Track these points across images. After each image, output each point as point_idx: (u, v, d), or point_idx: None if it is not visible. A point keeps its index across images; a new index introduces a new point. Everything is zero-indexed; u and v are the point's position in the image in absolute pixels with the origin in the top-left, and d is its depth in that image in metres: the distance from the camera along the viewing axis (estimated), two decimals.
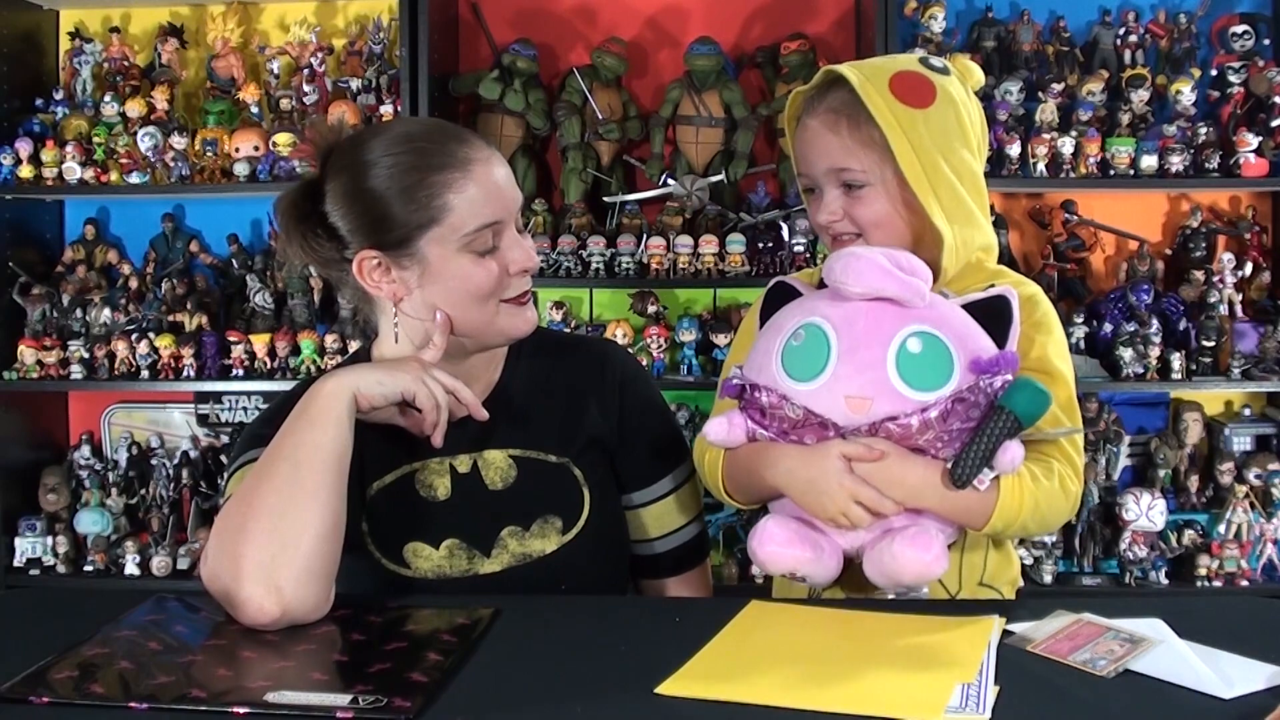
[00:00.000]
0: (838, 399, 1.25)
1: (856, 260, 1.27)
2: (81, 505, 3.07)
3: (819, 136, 1.43)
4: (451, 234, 1.37)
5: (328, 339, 2.95)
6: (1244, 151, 2.84)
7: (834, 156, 1.42)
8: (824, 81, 1.45)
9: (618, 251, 2.93)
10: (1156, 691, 1.03)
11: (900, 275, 1.27)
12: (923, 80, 1.43)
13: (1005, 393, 1.24)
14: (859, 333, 1.26)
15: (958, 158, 1.41)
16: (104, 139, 3.03)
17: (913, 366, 1.24)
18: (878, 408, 1.24)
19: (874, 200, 1.42)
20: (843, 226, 1.44)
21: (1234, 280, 2.96)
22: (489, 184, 1.38)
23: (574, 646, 1.17)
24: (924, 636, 1.17)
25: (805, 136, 1.46)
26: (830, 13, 3.11)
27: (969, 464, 1.23)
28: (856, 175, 1.41)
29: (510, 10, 3.15)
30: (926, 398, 1.23)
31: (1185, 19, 2.98)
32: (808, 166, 1.47)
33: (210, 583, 1.23)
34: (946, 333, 1.26)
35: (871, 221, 1.42)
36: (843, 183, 1.43)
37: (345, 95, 3.03)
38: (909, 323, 1.26)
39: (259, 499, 1.24)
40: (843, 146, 1.42)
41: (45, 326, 3.05)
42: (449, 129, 1.44)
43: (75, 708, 1.01)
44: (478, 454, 1.46)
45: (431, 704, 1.00)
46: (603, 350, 1.58)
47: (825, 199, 1.44)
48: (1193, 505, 2.99)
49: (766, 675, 1.08)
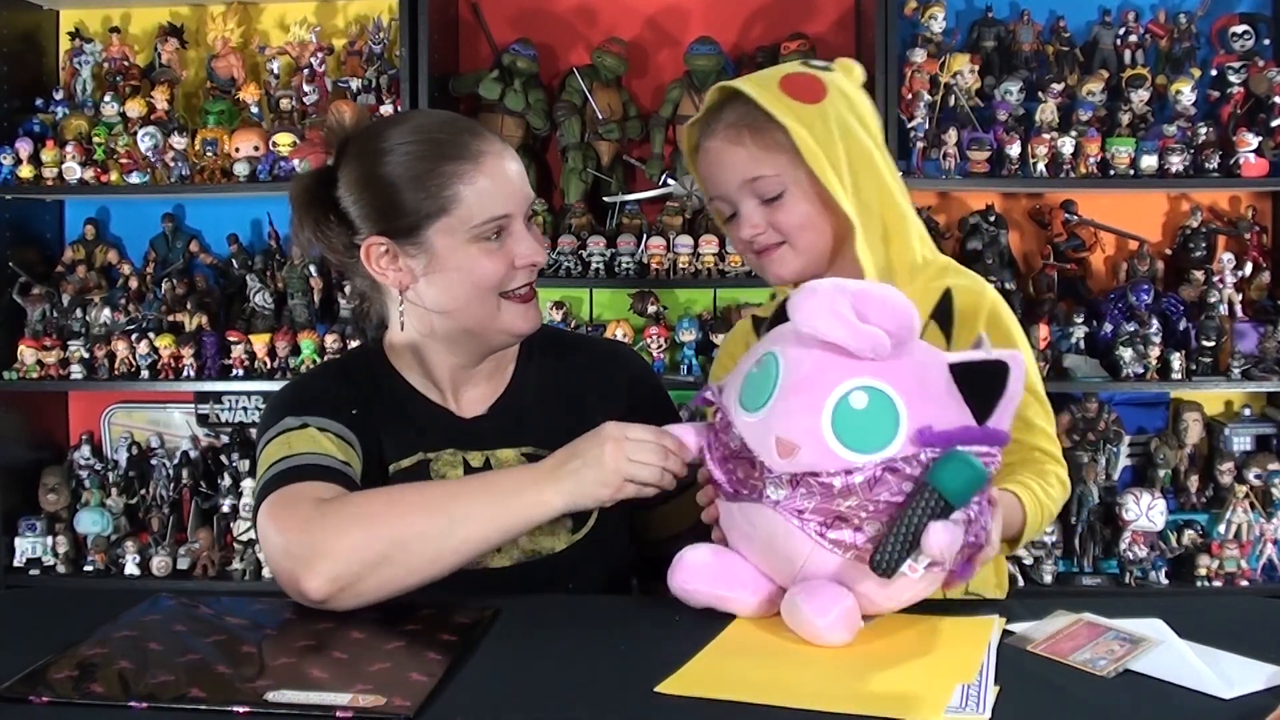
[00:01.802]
0: (770, 437, 1.14)
1: (810, 297, 1.15)
2: (81, 505, 3.07)
3: (724, 153, 1.44)
4: (460, 224, 1.38)
5: (328, 339, 2.95)
6: (1244, 151, 2.84)
7: (744, 168, 1.43)
8: (715, 102, 1.46)
9: (618, 251, 2.93)
10: (1156, 691, 1.03)
11: (852, 323, 1.12)
12: (810, 78, 1.45)
13: (932, 468, 1.10)
14: (804, 373, 1.15)
15: (861, 145, 1.43)
16: (104, 139, 3.03)
17: (851, 423, 1.11)
18: (803, 458, 1.12)
19: (793, 205, 1.43)
20: (767, 238, 1.44)
21: (1234, 280, 2.96)
22: (500, 177, 1.40)
23: (574, 646, 1.16)
24: (924, 636, 1.17)
25: (709, 158, 1.46)
26: (830, 13, 3.11)
27: (890, 550, 1.09)
28: (770, 182, 1.42)
29: (510, 10, 3.15)
30: (855, 459, 1.11)
31: (1185, 19, 2.98)
32: (719, 187, 1.46)
33: (292, 532, 1.23)
34: (901, 393, 1.12)
35: (795, 226, 1.44)
36: (758, 194, 1.43)
37: (345, 95, 3.03)
38: (860, 374, 1.13)
39: (411, 514, 1.24)
40: (751, 156, 1.42)
41: (45, 326, 3.05)
42: (463, 122, 1.46)
43: (75, 707, 1.01)
44: (490, 452, 1.48)
45: (431, 704, 1.00)
46: (612, 351, 1.63)
47: (744, 214, 1.44)
48: (1193, 505, 2.99)
49: (767, 675, 1.08)
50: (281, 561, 1.23)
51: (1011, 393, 1.15)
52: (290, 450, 1.34)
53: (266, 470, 1.33)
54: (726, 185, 1.45)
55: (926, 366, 1.17)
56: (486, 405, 1.52)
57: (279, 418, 1.39)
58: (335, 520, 1.23)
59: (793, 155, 1.40)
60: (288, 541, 1.23)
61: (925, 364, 1.17)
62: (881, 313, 1.14)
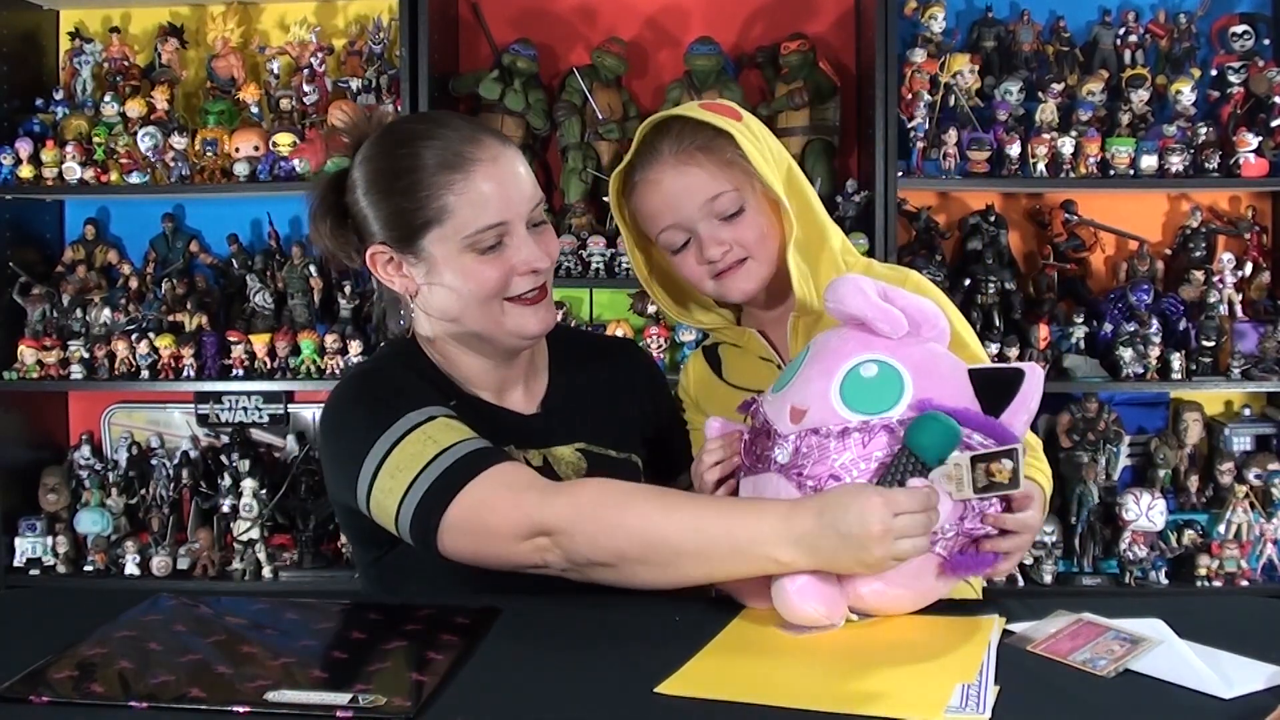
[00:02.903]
0: (786, 407, 1.23)
1: (842, 283, 1.26)
2: (81, 505, 3.07)
3: (680, 177, 1.45)
4: (454, 234, 1.38)
5: (328, 339, 2.95)
6: (1244, 151, 2.84)
7: (703, 188, 1.44)
8: (645, 141, 1.48)
9: (618, 251, 2.93)
10: (1156, 691, 1.03)
11: (873, 299, 1.24)
12: (722, 104, 1.50)
13: (908, 429, 1.16)
14: (828, 351, 1.25)
15: (781, 154, 1.49)
16: (104, 139, 3.03)
17: (858, 388, 1.20)
18: (810, 417, 1.21)
19: (752, 218, 1.47)
20: (733, 255, 1.46)
21: (1234, 280, 2.96)
22: (492, 185, 1.38)
23: (574, 646, 1.17)
24: (924, 636, 1.17)
25: (661, 190, 1.46)
26: (830, 13, 3.11)
27: None
28: (730, 198, 1.44)
29: (510, 10, 3.15)
30: (852, 417, 1.19)
31: (1185, 19, 2.98)
32: (673, 215, 1.46)
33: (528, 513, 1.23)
34: (910, 369, 1.21)
35: (756, 239, 1.47)
36: (717, 212, 1.45)
37: (345, 95, 3.03)
38: (875, 350, 1.23)
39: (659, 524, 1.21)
40: (708, 175, 1.44)
41: (45, 326, 3.05)
42: (462, 128, 1.42)
43: (75, 707, 1.01)
44: (546, 450, 1.48)
45: (431, 704, 1.00)
46: (629, 347, 1.71)
47: (705, 235, 1.46)
48: (1193, 505, 2.99)
49: (766, 675, 1.08)
50: (509, 548, 1.25)
51: (1024, 396, 1.21)
52: (441, 444, 1.30)
53: (425, 469, 1.28)
54: (683, 210, 1.45)
55: (940, 359, 1.25)
56: (536, 403, 1.53)
57: (388, 415, 1.34)
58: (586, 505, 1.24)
59: (744, 169, 1.44)
60: (519, 528, 1.24)
61: (940, 356, 1.25)
62: (906, 303, 1.25)
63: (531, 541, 1.24)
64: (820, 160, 2.98)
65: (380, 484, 1.31)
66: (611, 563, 1.22)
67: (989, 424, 1.19)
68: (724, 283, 1.49)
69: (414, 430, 1.32)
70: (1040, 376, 1.24)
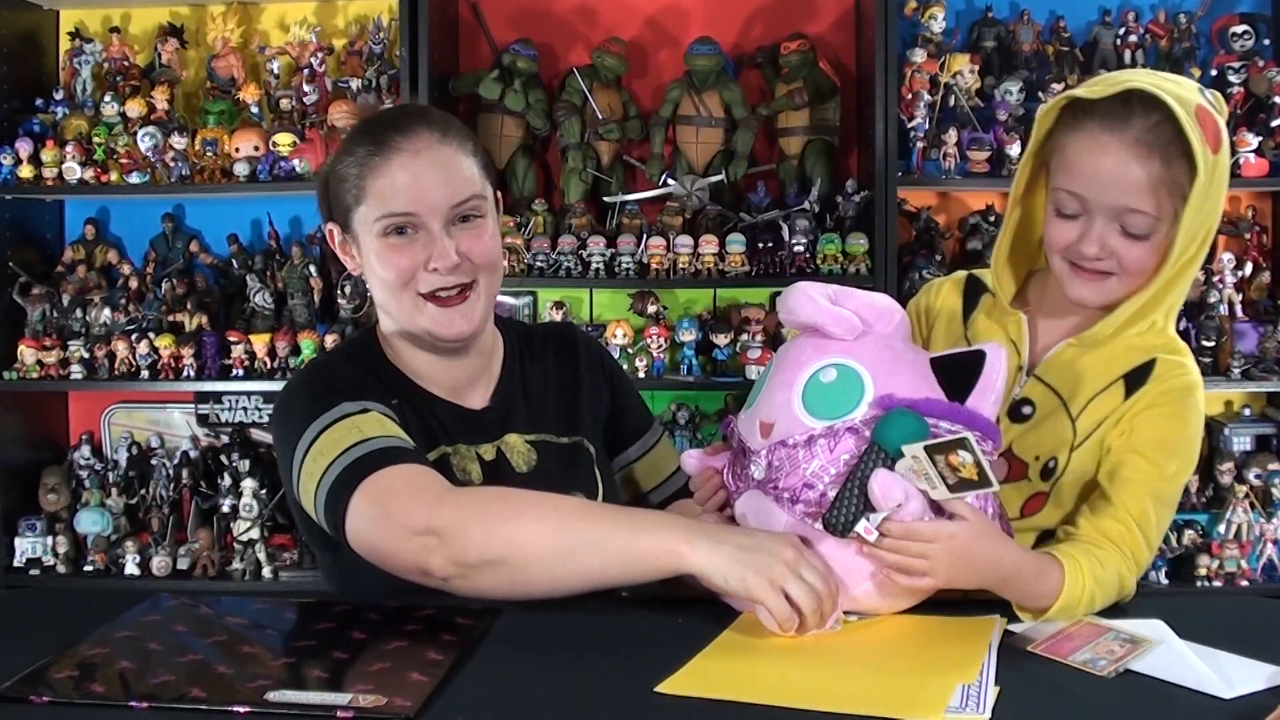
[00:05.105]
0: (755, 423, 1.25)
1: (790, 293, 1.27)
2: (81, 505, 3.07)
3: (1124, 166, 1.29)
4: (369, 217, 1.43)
5: (328, 339, 2.95)
6: (1244, 151, 2.84)
7: (1133, 196, 1.30)
8: (1125, 96, 1.30)
9: (618, 251, 2.93)
10: (1156, 691, 1.03)
11: (823, 305, 1.24)
12: (1213, 118, 1.31)
13: (875, 426, 1.17)
14: (787, 362, 1.27)
15: (1214, 219, 1.35)
16: (104, 139, 3.02)
17: (819, 395, 1.22)
18: (777, 430, 1.22)
19: (1150, 248, 1.33)
20: (1107, 265, 1.34)
21: (1234, 280, 2.96)
22: (406, 176, 1.40)
23: (574, 646, 1.17)
24: (924, 637, 1.17)
25: (1104, 157, 1.30)
26: (830, 13, 3.11)
27: (841, 509, 1.16)
28: (1145, 220, 1.30)
29: (510, 10, 3.15)
30: (816, 424, 1.20)
31: (1185, 19, 2.98)
32: (1090, 188, 1.32)
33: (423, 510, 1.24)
34: (869, 368, 1.22)
35: (1138, 267, 1.33)
36: (1125, 223, 1.31)
37: (345, 95, 3.03)
38: (831, 354, 1.24)
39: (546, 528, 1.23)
40: (1147, 185, 1.29)
41: (45, 326, 3.05)
42: (407, 116, 1.49)
43: (75, 707, 1.01)
44: (500, 441, 1.51)
45: (431, 704, 1.00)
46: (569, 331, 1.68)
47: (1095, 230, 1.33)
48: (1193, 505, 2.98)
49: (766, 675, 1.08)
50: (401, 542, 1.25)
51: (988, 378, 1.21)
52: (364, 434, 1.32)
53: (341, 454, 1.31)
54: (1102, 194, 1.31)
55: (899, 352, 1.25)
56: (487, 398, 1.54)
57: (327, 403, 1.36)
58: (476, 509, 1.26)
59: (1177, 200, 1.30)
60: (413, 522, 1.24)
61: (898, 350, 1.25)
62: (858, 302, 1.26)
63: (421, 540, 1.24)
64: (820, 160, 2.98)
65: (305, 468, 1.35)
66: (498, 560, 1.22)
67: (954, 411, 1.19)
68: (1078, 278, 1.36)
69: (344, 419, 1.35)
70: (1003, 356, 1.23)
